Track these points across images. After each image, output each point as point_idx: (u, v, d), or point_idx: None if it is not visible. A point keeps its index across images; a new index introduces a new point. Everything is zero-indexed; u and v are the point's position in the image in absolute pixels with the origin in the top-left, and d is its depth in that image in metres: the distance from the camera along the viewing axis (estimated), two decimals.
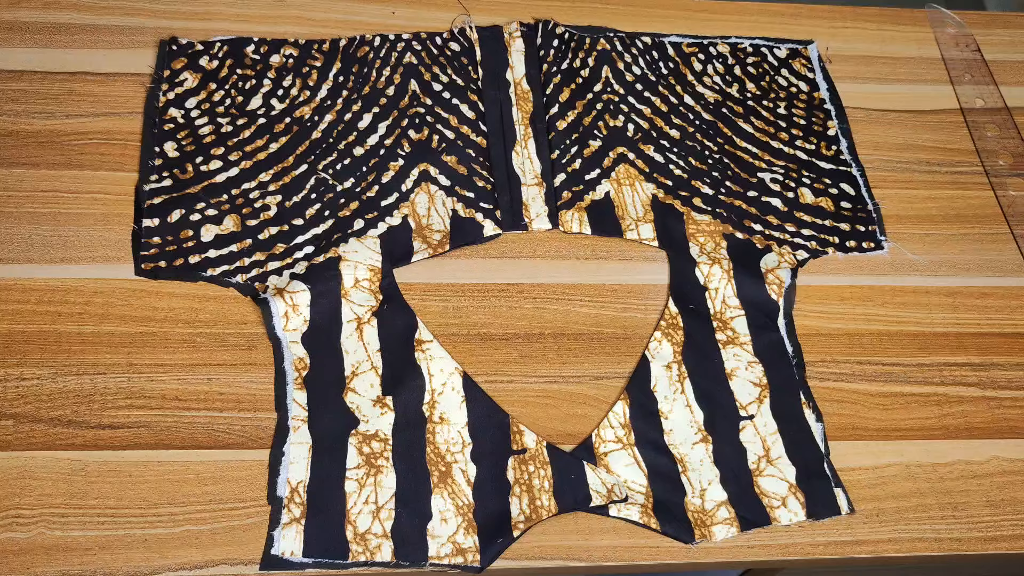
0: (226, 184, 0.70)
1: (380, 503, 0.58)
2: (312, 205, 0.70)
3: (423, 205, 0.71)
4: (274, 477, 0.59)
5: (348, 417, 0.61)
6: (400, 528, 0.58)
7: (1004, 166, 0.80)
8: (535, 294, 0.68)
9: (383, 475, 0.59)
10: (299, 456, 0.59)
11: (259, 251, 0.67)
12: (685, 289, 0.69)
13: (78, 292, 0.64)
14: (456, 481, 0.60)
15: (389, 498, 0.59)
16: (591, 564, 0.58)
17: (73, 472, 0.57)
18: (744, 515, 0.60)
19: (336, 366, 0.63)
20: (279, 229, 0.68)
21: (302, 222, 0.69)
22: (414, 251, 0.69)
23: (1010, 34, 0.91)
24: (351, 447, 0.60)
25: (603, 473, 0.61)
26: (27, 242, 0.66)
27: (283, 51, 0.77)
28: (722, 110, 0.79)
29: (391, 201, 0.71)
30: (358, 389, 0.62)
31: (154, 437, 0.59)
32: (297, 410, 0.61)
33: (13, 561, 0.54)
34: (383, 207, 0.70)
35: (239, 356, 0.63)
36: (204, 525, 0.57)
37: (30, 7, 0.79)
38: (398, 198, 0.71)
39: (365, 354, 0.64)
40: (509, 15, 0.83)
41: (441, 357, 0.64)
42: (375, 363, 0.63)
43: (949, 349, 0.70)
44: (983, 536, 0.62)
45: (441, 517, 0.58)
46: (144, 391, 0.61)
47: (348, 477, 0.59)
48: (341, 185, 0.71)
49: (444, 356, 0.64)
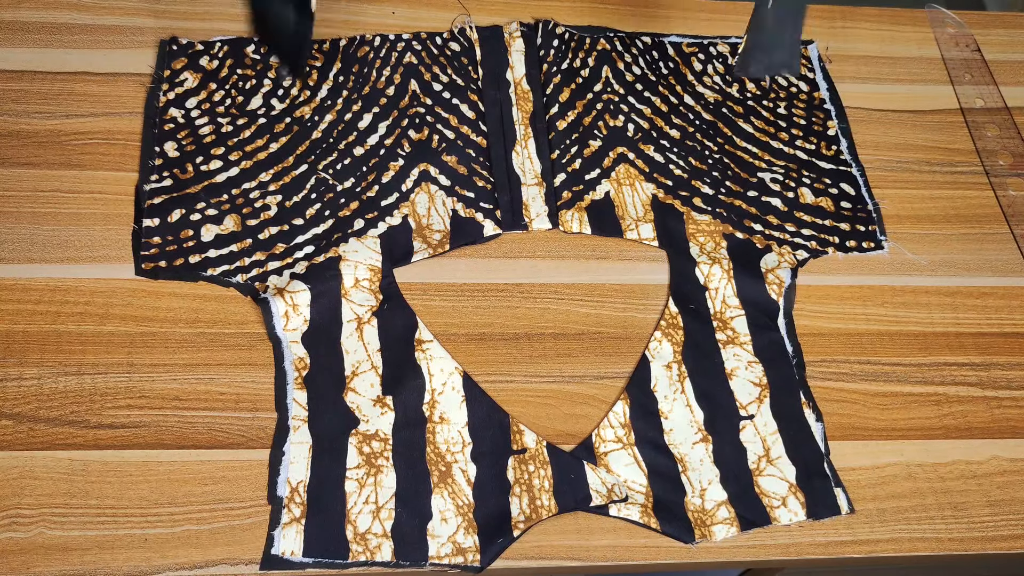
0: (226, 184, 0.70)
1: (380, 503, 0.58)
2: (312, 205, 0.70)
3: (423, 205, 0.71)
4: (274, 476, 0.59)
5: (348, 417, 0.61)
6: (400, 528, 0.58)
7: (1004, 166, 0.80)
8: (535, 294, 0.68)
9: (383, 475, 0.59)
10: (299, 456, 0.59)
11: (259, 251, 0.67)
12: (685, 289, 0.69)
13: (78, 292, 0.64)
14: (456, 481, 0.60)
15: (389, 498, 0.59)
16: (591, 564, 0.58)
17: (73, 472, 0.57)
18: (744, 515, 0.60)
19: (336, 366, 0.63)
20: (279, 229, 0.68)
21: (302, 222, 0.69)
22: (414, 251, 0.69)
23: (1010, 34, 0.91)
24: (351, 447, 0.60)
25: (603, 473, 0.61)
26: (27, 242, 0.66)
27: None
28: (722, 110, 0.79)
29: (391, 201, 0.71)
30: (358, 389, 0.62)
31: (154, 437, 0.59)
32: (297, 409, 0.61)
33: (13, 561, 0.54)
34: (383, 207, 0.70)
35: (239, 356, 0.63)
36: (204, 525, 0.57)
37: (30, 7, 0.79)
38: (398, 198, 0.71)
39: (365, 354, 0.64)
40: (509, 15, 0.83)
41: (441, 357, 0.64)
42: (375, 363, 0.63)
43: (949, 349, 0.70)
44: (983, 536, 0.62)
45: (441, 517, 0.58)
46: (144, 391, 0.61)
47: (348, 477, 0.59)
48: (341, 185, 0.71)
49: (444, 356, 0.64)
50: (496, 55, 0.80)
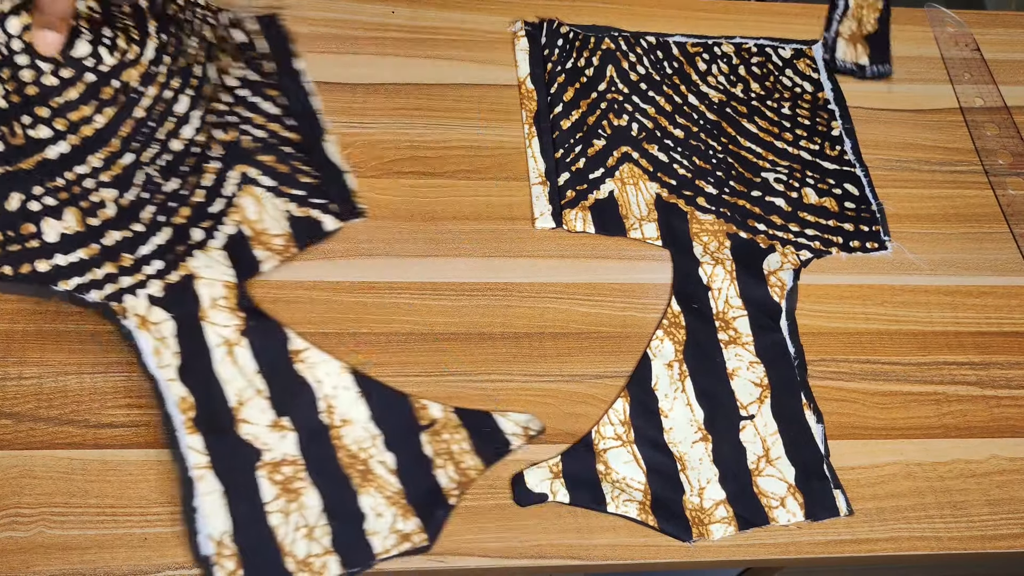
0: (59, 163, 0.59)
1: (311, 523, 0.57)
2: (146, 207, 0.62)
3: (252, 210, 0.66)
4: (193, 537, 0.55)
5: (248, 450, 0.58)
6: (339, 538, 0.56)
7: (1004, 165, 0.81)
8: (535, 293, 0.68)
9: (304, 496, 0.57)
10: (214, 506, 0.56)
11: (108, 261, 0.61)
12: (688, 289, 0.69)
13: None
14: (378, 474, 0.59)
15: (319, 515, 0.57)
16: (590, 563, 0.58)
17: (73, 471, 0.57)
18: (742, 514, 0.60)
19: (220, 398, 0.59)
20: (123, 235, 0.61)
21: (143, 229, 0.62)
22: (259, 260, 0.65)
23: (1010, 33, 0.91)
24: (262, 480, 0.57)
25: (513, 415, 0.61)
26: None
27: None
28: (726, 110, 0.79)
29: (220, 208, 0.65)
30: (250, 419, 0.59)
31: (154, 436, 0.59)
32: (196, 457, 0.57)
33: (13, 560, 0.54)
34: (213, 214, 0.64)
35: None
36: None
37: None
38: (225, 204, 0.65)
39: (245, 380, 0.60)
40: (514, 14, 0.83)
41: (323, 361, 0.61)
42: (258, 386, 0.60)
43: (948, 348, 0.70)
44: (982, 535, 0.62)
45: (375, 513, 0.57)
46: (144, 390, 0.61)
47: (269, 511, 0.57)
48: (167, 184, 0.63)
49: (325, 359, 0.61)
50: (282, 43, 0.75)
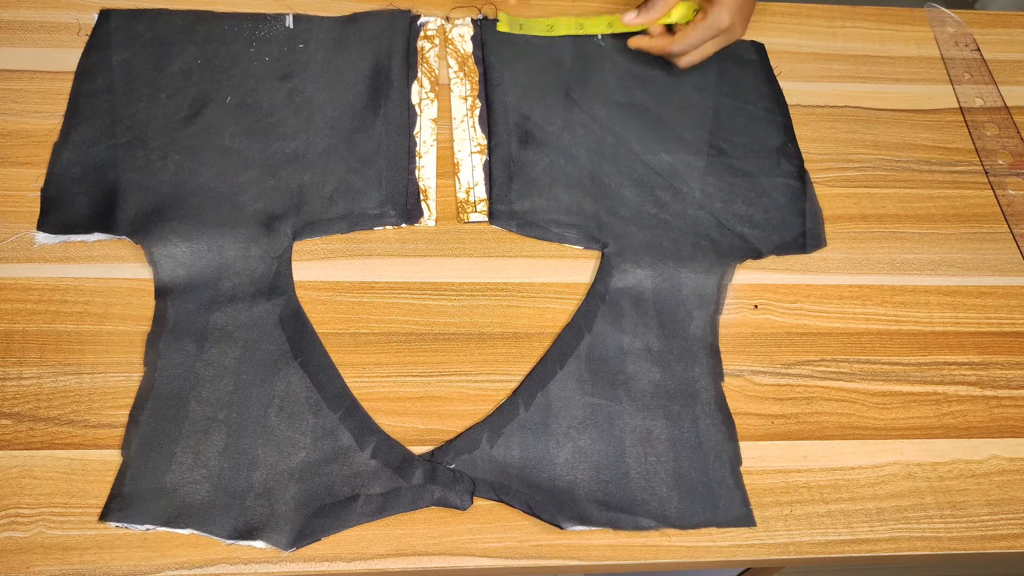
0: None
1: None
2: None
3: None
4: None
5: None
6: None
7: (1003, 165, 0.81)
8: (535, 293, 0.69)
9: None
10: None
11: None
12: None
13: (78, 292, 0.64)
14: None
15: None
16: (590, 563, 0.58)
17: (72, 471, 0.58)
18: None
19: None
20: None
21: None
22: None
23: (1009, 33, 0.91)
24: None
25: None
26: (27, 242, 0.66)
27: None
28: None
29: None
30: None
31: None
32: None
33: (13, 560, 0.54)
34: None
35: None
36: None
37: (30, 7, 0.79)
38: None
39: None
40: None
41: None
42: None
43: (948, 348, 0.70)
44: (982, 535, 0.62)
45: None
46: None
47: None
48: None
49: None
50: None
